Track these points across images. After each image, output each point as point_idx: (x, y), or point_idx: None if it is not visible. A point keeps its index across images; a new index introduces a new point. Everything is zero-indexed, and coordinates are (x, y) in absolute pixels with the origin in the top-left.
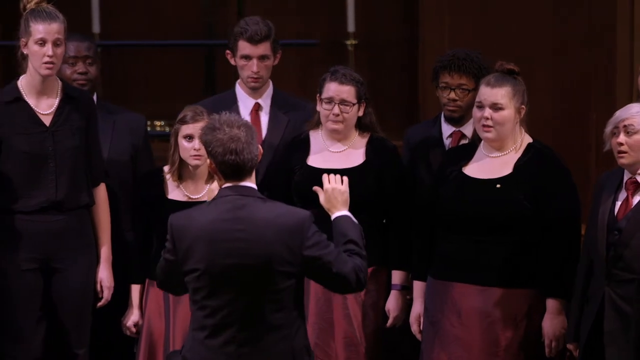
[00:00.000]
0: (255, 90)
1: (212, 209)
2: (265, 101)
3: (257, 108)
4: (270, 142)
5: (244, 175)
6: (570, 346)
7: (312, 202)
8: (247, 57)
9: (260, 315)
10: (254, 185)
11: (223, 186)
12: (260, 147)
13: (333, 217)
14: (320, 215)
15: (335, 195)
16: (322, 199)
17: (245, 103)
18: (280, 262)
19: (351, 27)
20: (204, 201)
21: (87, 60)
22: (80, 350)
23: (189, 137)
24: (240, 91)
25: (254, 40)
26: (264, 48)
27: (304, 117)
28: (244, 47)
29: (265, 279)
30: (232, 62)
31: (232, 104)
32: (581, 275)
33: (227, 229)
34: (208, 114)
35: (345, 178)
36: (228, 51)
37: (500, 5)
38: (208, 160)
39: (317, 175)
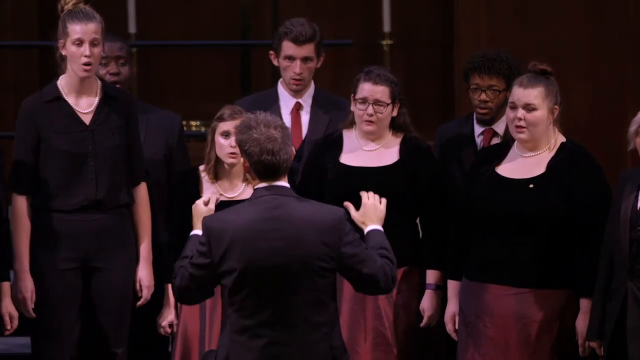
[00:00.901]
0: (297, 92)
1: (249, 210)
2: (307, 101)
3: (297, 107)
4: (310, 141)
5: (278, 176)
6: (593, 344)
7: (344, 200)
8: (291, 58)
9: (301, 314)
10: (287, 185)
11: (257, 186)
12: (293, 148)
13: (366, 230)
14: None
15: (372, 210)
16: (355, 213)
17: (286, 102)
18: (318, 259)
19: (387, 27)
20: (239, 200)
21: (119, 60)
22: (119, 350)
23: (226, 134)
24: (282, 90)
25: (298, 41)
26: (307, 49)
27: (346, 117)
28: (288, 47)
29: (304, 278)
30: (275, 62)
31: (273, 103)
32: (602, 272)
33: (265, 229)
34: (246, 114)
35: (383, 199)
36: (271, 52)
37: (536, 6)
38: (242, 160)
39: (350, 173)
